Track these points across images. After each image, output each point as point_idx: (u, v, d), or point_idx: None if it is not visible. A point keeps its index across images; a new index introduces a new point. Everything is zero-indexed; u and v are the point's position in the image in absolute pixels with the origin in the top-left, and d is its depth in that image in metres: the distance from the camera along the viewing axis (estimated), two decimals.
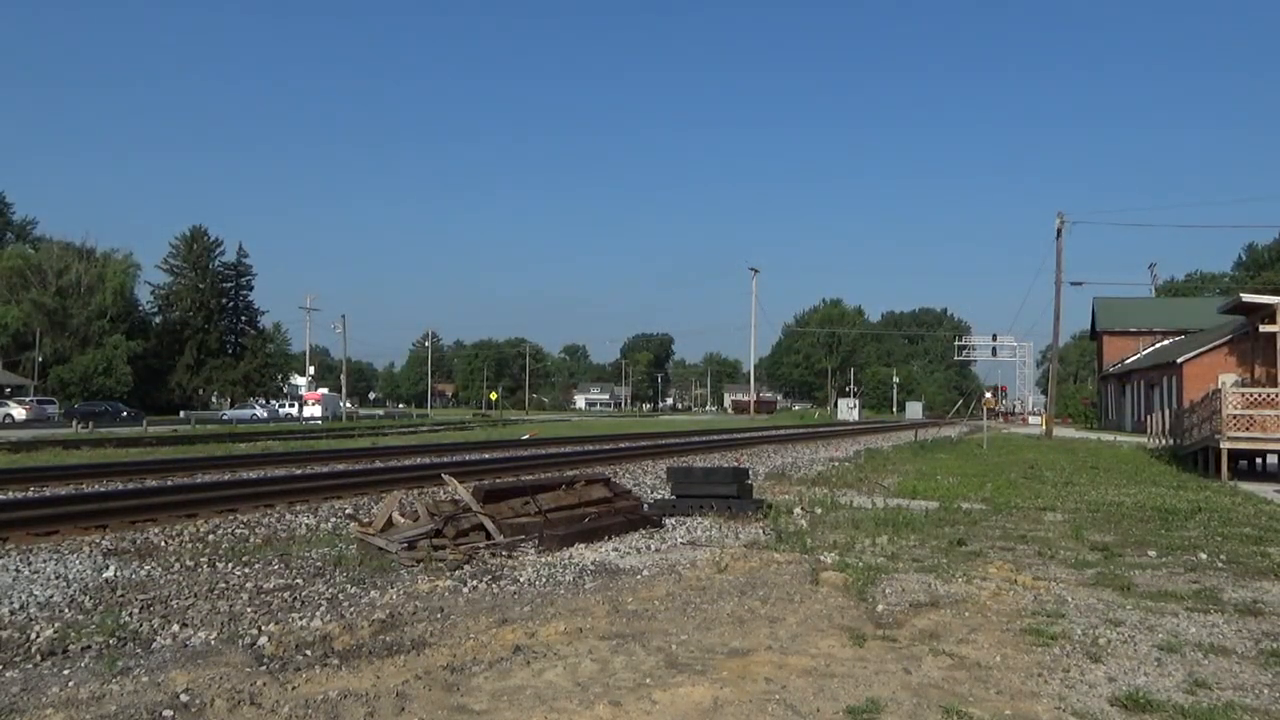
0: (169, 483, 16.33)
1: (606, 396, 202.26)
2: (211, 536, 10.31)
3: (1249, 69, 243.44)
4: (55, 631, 6.04)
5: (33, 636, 5.94)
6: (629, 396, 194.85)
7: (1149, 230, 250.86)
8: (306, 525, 11.27)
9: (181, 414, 71.07)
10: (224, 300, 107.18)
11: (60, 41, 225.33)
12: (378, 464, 21.47)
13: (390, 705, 4.66)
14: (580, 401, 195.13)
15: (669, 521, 11.63)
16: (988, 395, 50.58)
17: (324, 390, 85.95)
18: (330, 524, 11.35)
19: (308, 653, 5.63)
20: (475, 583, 7.71)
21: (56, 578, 7.88)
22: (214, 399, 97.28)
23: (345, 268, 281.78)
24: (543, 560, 8.87)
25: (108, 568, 8.34)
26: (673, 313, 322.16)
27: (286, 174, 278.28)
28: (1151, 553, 9.56)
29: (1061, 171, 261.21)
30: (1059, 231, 44.52)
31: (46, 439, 31.81)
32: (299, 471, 18.93)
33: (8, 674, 5.19)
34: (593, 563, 8.78)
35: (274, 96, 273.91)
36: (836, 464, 23.13)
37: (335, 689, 4.90)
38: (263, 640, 5.87)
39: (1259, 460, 22.37)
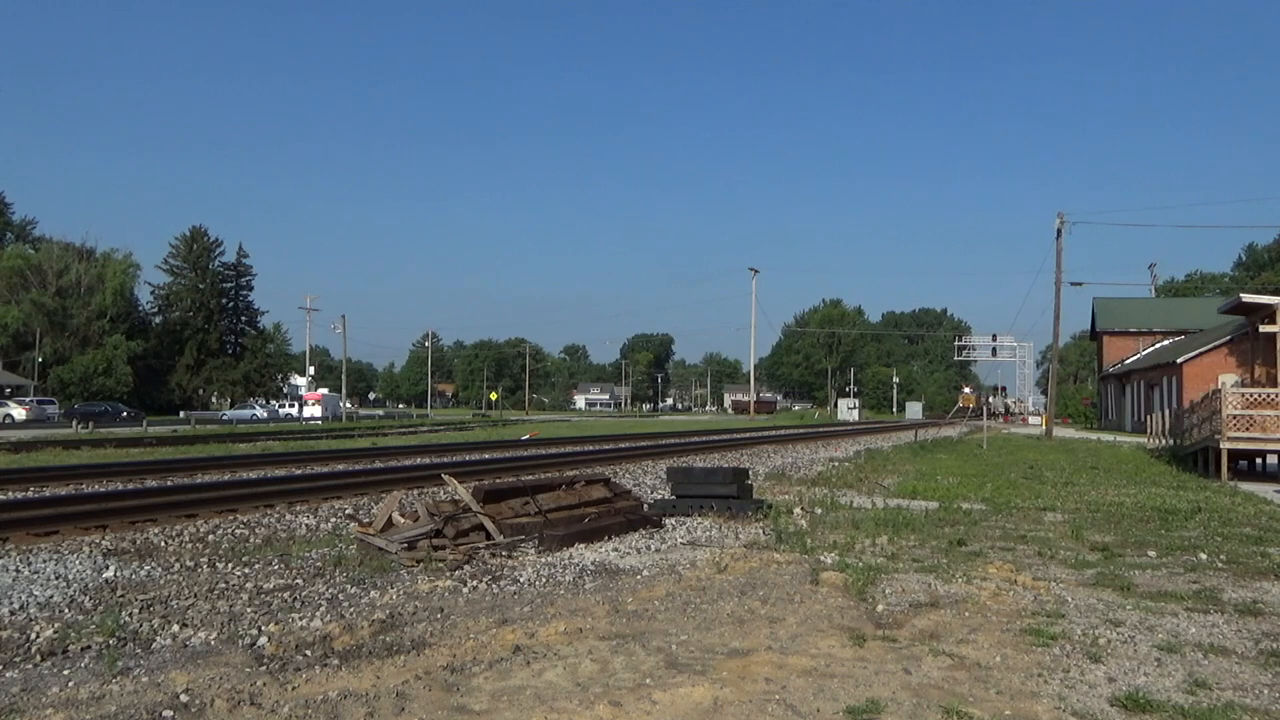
0: (169, 483, 16.33)
1: (606, 397, 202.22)
2: (211, 537, 10.31)
3: (1250, 69, 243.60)
4: (55, 631, 6.04)
5: (33, 636, 5.94)
6: (629, 397, 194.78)
7: (1149, 230, 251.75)
8: (306, 525, 11.27)
9: (181, 414, 71.07)
10: (224, 300, 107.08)
11: (60, 41, 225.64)
12: (378, 464, 21.47)
13: (390, 705, 4.66)
14: (580, 402, 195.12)
15: (669, 521, 11.63)
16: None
17: (324, 390, 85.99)
18: (330, 524, 11.35)
19: (308, 653, 5.63)
20: (475, 583, 7.71)
21: (56, 578, 7.88)
22: (214, 399, 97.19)
23: (345, 268, 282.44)
24: (543, 560, 8.87)
25: (108, 568, 8.34)
26: (673, 313, 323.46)
27: (286, 174, 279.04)
28: (1151, 553, 9.56)
29: (1061, 171, 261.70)
30: (1059, 231, 44.54)
31: (46, 439, 31.79)
32: (299, 472, 18.94)
33: (8, 674, 5.19)
34: (593, 563, 8.77)
35: (273, 97, 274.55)
36: (836, 464, 23.13)
37: (335, 689, 4.90)
38: (263, 640, 5.87)
39: (1259, 460, 22.37)
